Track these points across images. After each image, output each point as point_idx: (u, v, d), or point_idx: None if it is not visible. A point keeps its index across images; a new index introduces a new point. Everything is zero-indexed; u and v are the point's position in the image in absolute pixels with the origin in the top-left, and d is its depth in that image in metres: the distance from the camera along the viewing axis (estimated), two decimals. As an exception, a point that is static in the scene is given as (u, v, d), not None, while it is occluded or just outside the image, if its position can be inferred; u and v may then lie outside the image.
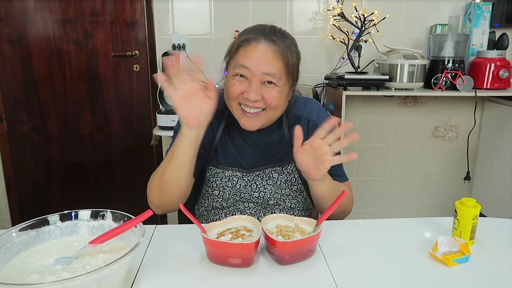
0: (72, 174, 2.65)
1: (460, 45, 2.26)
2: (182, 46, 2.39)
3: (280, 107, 1.07)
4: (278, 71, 1.01)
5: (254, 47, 1.00)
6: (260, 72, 1.00)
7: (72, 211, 0.80)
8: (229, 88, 1.03)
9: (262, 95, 1.02)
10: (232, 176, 1.14)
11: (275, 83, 1.02)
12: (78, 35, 2.44)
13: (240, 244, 0.78)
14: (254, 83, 1.00)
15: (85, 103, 2.54)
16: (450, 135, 2.71)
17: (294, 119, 1.17)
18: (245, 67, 1.00)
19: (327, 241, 0.92)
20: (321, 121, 1.13)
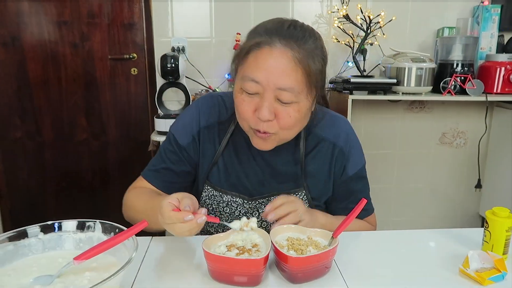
0: (66, 182, 2.55)
1: (469, 48, 2.18)
2: (182, 49, 2.31)
3: (297, 127, 0.89)
4: (296, 84, 0.82)
5: (267, 54, 0.81)
6: (274, 86, 0.81)
7: (55, 222, 0.70)
8: (238, 106, 0.87)
9: (276, 113, 0.84)
10: (231, 202, 1.00)
11: (293, 99, 0.83)
12: (74, 38, 2.35)
13: (247, 260, 0.69)
14: (267, 99, 0.82)
15: (81, 108, 2.46)
16: (458, 141, 2.62)
17: (316, 140, 1.00)
18: (255, 81, 0.81)
19: (343, 255, 0.83)
20: (350, 150, 1.01)
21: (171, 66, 1.99)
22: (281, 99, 0.83)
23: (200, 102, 1.03)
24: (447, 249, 0.87)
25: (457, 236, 0.93)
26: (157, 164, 1.03)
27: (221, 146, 1.00)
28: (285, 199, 0.86)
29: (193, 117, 1.01)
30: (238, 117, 0.91)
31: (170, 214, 0.73)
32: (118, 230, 0.70)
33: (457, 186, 2.68)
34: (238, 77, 0.86)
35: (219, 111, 1.02)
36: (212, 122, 1.01)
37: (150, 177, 1.03)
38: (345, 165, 1.01)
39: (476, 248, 0.85)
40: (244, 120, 0.88)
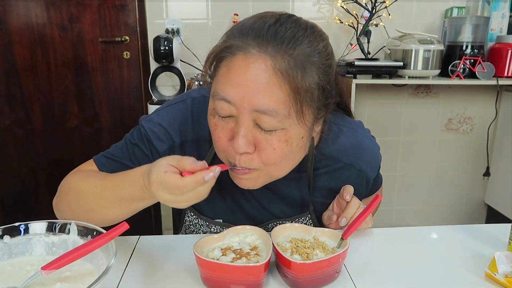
0: (58, 171, 2.46)
1: (479, 29, 2.07)
2: (176, 31, 2.19)
3: (288, 161, 0.68)
4: (279, 104, 0.60)
5: (242, 62, 0.60)
6: (250, 107, 0.61)
7: (21, 224, 0.61)
8: (212, 132, 0.68)
9: (256, 143, 0.63)
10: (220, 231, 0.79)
11: (277, 126, 0.62)
12: (63, 19, 2.23)
13: (245, 267, 0.59)
14: (243, 123, 0.62)
15: (72, 93, 2.34)
16: (464, 127, 2.53)
17: (329, 162, 0.82)
18: (225, 100, 0.62)
19: (352, 257, 0.73)
20: (373, 168, 0.88)
21: (164, 48, 1.88)
22: (261, 125, 0.62)
23: (191, 105, 0.81)
24: (469, 249, 0.78)
25: (478, 233, 0.84)
26: (117, 155, 0.82)
27: (208, 160, 0.78)
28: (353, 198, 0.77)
29: (179, 123, 0.80)
30: (214, 145, 0.70)
31: (185, 181, 0.57)
32: (96, 232, 0.60)
33: (463, 174, 2.59)
34: (211, 93, 0.66)
35: None
36: (202, 135, 0.79)
37: (105, 165, 0.81)
38: (368, 180, 0.89)
39: (501, 247, 0.76)
40: (220, 150, 0.68)
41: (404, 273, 0.70)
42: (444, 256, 0.75)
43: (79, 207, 0.76)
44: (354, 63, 1.95)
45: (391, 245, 0.80)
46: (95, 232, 0.61)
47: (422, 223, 2.65)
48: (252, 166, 0.65)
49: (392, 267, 0.72)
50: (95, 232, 0.60)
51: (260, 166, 0.65)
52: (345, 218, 0.77)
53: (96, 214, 0.73)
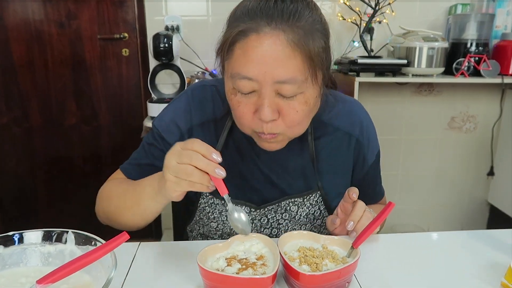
0: (57, 169, 2.43)
1: (484, 26, 2.03)
2: (176, 28, 2.15)
3: (307, 120, 0.76)
4: (297, 72, 0.67)
5: (255, 43, 0.66)
6: (271, 80, 0.67)
7: (16, 233, 0.58)
8: (235, 109, 0.73)
9: (279, 110, 0.70)
10: None
11: (297, 91, 0.69)
12: (60, 16, 2.19)
13: (251, 280, 0.56)
14: (266, 96, 0.68)
15: (70, 91, 2.31)
16: (467, 126, 2.50)
17: (327, 130, 0.88)
18: (247, 78, 0.68)
19: (363, 265, 0.71)
20: (368, 139, 0.91)
21: (164, 46, 1.84)
22: (283, 93, 0.69)
23: (191, 94, 0.88)
24: (483, 256, 0.75)
25: (490, 239, 0.81)
26: (138, 158, 0.90)
27: (219, 145, 0.86)
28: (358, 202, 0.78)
29: (183, 112, 0.86)
30: (236, 121, 0.77)
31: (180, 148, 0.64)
32: (94, 242, 0.57)
33: (465, 173, 2.57)
34: (227, 75, 0.72)
35: (214, 105, 0.87)
36: (207, 118, 0.86)
37: (130, 171, 0.89)
38: (364, 156, 0.92)
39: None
40: (244, 124, 0.75)
41: (416, 282, 0.67)
42: (457, 264, 0.73)
43: (108, 211, 0.85)
44: (357, 61, 1.92)
45: (402, 252, 0.77)
46: (93, 241, 0.58)
47: (424, 223, 2.63)
48: (278, 131, 0.73)
49: (404, 275, 0.69)
50: (94, 241, 0.57)
51: (284, 130, 0.73)
52: (352, 221, 0.75)
53: (121, 217, 0.82)
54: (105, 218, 0.87)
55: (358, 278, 0.67)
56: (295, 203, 0.87)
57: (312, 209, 0.89)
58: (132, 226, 0.81)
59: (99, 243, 0.57)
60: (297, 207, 0.88)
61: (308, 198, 0.88)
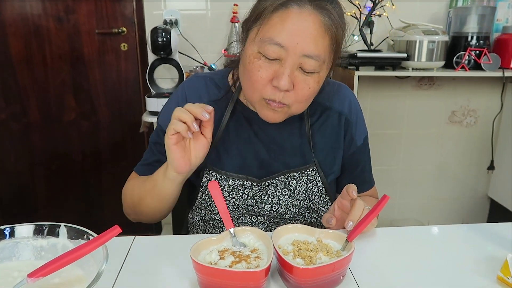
0: (56, 165, 2.43)
1: (485, 19, 2.01)
2: (175, 23, 2.14)
3: (311, 99, 0.82)
4: (323, 52, 0.75)
5: (296, 16, 0.72)
6: (300, 53, 0.73)
7: (6, 227, 0.57)
8: (253, 73, 0.77)
9: (294, 83, 0.76)
10: (238, 185, 0.90)
11: (316, 69, 0.76)
12: (58, 11, 2.18)
13: (244, 273, 0.56)
14: (290, 66, 0.74)
15: (68, 86, 2.30)
16: (468, 120, 2.48)
17: (320, 109, 0.94)
18: (279, 45, 0.73)
19: (358, 259, 0.70)
20: (356, 118, 0.96)
21: (162, 40, 1.83)
22: (304, 68, 0.75)
23: (186, 84, 0.95)
24: (479, 250, 0.74)
25: (488, 232, 0.80)
26: (148, 158, 0.96)
27: (221, 127, 0.90)
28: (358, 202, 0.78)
29: (179, 100, 0.93)
30: (248, 87, 0.80)
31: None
32: (87, 236, 0.57)
33: (466, 168, 2.56)
34: (256, 39, 0.76)
35: (208, 91, 0.93)
36: (203, 102, 0.88)
37: (143, 171, 0.95)
38: (353, 135, 0.95)
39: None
40: (257, 89, 0.78)
41: (412, 276, 0.67)
42: (453, 257, 0.72)
43: (133, 204, 0.91)
44: (357, 54, 1.90)
45: (398, 245, 0.77)
46: (85, 235, 0.57)
47: (424, 217, 2.62)
48: (287, 102, 0.78)
49: (399, 269, 0.69)
50: (86, 235, 0.57)
51: (292, 103, 0.78)
52: (351, 221, 0.74)
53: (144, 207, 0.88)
54: (132, 213, 0.93)
55: (353, 272, 0.67)
56: (294, 177, 0.90)
57: (310, 184, 0.91)
58: (155, 213, 0.89)
59: (92, 236, 0.56)
60: (296, 182, 0.91)
61: (305, 172, 0.91)
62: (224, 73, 0.95)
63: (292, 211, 0.91)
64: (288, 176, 0.90)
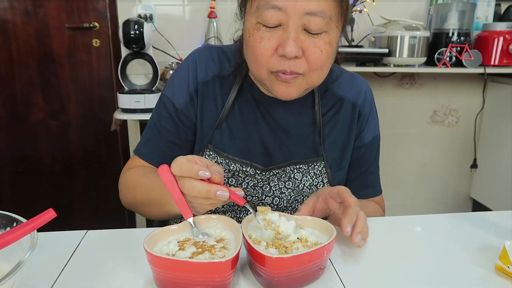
0: (23, 167, 2.29)
1: (466, 16, 1.99)
2: (149, 18, 2.05)
3: (327, 65, 0.72)
4: (327, 7, 0.66)
5: None
6: (301, 11, 0.65)
7: None
8: (255, 46, 0.69)
9: (303, 48, 0.67)
10: (239, 172, 0.81)
11: (323, 28, 0.67)
12: (26, 4, 2.06)
13: (207, 265, 0.47)
14: (293, 28, 0.66)
15: (36, 84, 2.17)
16: (449, 120, 2.46)
17: (333, 99, 0.85)
18: (277, 7, 0.65)
19: (339, 250, 0.62)
20: (369, 112, 0.87)
21: (134, 33, 1.73)
22: (310, 28, 0.66)
23: (196, 53, 0.85)
24: (474, 239, 0.67)
25: (482, 221, 0.74)
26: (151, 136, 0.84)
27: (227, 105, 0.81)
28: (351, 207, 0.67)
29: (189, 71, 0.83)
30: (253, 63, 0.72)
31: (182, 161, 0.57)
32: (16, 223, 0.47)
33: (448, 167, 2.53)
34: (251, 11, 0.70)
35: (220, 63, 0.84)
36: (211, 76, 0.83)
37: (145, 154, 0.83)
38: (362, 129, 0.87)
39: (509, 236, 0.66)
40: (262, 63, 0.70)
41: (400, 268, 0.59)
42: (446, 247, 0.65)
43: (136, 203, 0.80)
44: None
45: (384, 236, 0.69)
46: (15, 222, 0.48)
47: (407, 219, 2.58)
48: (300, 70, 0.69)
49: (386, 261, 0.61)
50: (16, 222, 0.47)
51: (306, 70, 0.69)
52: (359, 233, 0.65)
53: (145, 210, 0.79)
54: (131, 207, 0.84)
55: (335, 265, 0.59)
56: (300, 169, 0.82)
57: (316, 179, 0.84)
58: (161, 217, 0.80)
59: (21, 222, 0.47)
60: (301, 175, 0.83)
61: (313, 166, 0.83)
62: (236, 47, 0.85)
63: (294, 206, 0.83)
64: (294, 168, 0.82)
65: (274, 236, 0.57)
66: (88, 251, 0.61)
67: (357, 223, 0.62)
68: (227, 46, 0.87)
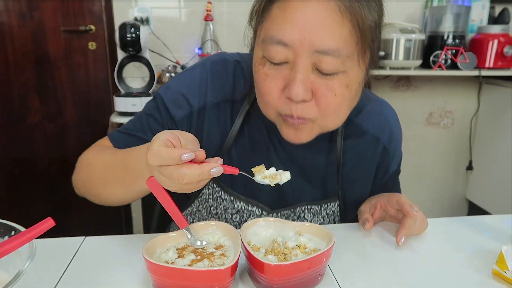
0: (20, 170, 2.28)
1: (461, 19, 2.01)
2: (146, 20, 2.05)
3: (345, 109, 0.62)
4: (343, 43, 0.55)
5: (298, 1, 0.55)
6: (311, 49, 0.55)
7: None
8: (260, 83, 0.61)
9: (314, 90, 0.58)
10: (245, 210, 0.75)
11: (339, 68, 0.57)
12: (21, 6, 2.05)
13: (207, 272, 0.47)
14: (302, 68, 0.56)
15: (33, 87, 2.17)
16: (445, 122, 2.47)
17: (355, 132, 0.77)
18: (282, 43, 0.56)
19: (338, 256, 0.63)
20: (395, 146, 0.80)
21: (131, 36, 1.73)
22: (321, 68, 0.57)
23: (210, 67, 0.75)
24: (471, 243, 0.68)
25: (479, 225, 0.74)
26: (133, 129, 0.76)
27: (233, 131, 0.73)
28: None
29: (198, 86, 0.74)
30: (260, 101, 0.65)
31: (159, 150, 0.47)
32: (14, 232, 0.47)
33: (444, 169, 2.54)
34: (258, 41, 0.61)
35: (234, 82, 0.74)
36: (224, 98, 0.74)
37: (119, 141, 0.75)
38: (388, 165, 0.81)
39: (505, 240, 0.67)
40: (269, 104, 0.61)
41: (398, 273, 0.60)
42: (442, 251, 0.66)
43: (89, 182, 0.72)
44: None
45: (382, 241, 0.69)
46: (13, 231, 0.47)
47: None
48: (309, 116, 0.60)
49: (384, 266, 0.61)
50: (14, 231, 0.47)
51: (317, 116, 0.60)
52: (404, 236, 0.66)
53: (104, 190, 0.70)
54: (83, 188, 0.75)
55: (334, 271, 0.59)
56: (311, 210, 0.77)
57: (327, 219, 0.78)
58: (116, 202, 0.71)
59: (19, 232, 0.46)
60: (312, 216, 0.77)
61: (325, 207, 0.77)
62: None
63: None
64: (305, 209, 0.76)
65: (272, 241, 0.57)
66: (86, 258, 0.61)
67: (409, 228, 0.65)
68: (246, 57, 0.77)
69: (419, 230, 0.69)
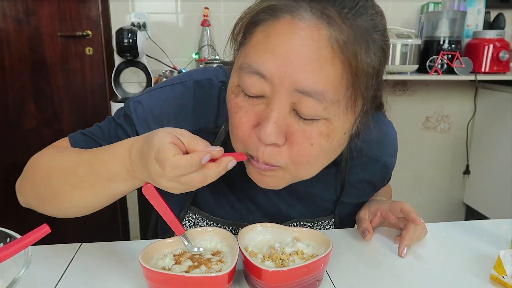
0: (14, 177, 2.22)
1: (456, 23, 2.02)
2: (143, 26, 2.06)
3: (322, 161, 0.54)
4: (329, 86, 0.47)
5: (285, 29, 0.47)
6: (291, 85, 0.47)
7: None
8: (231, 115, 0.54)
9: (288, 134, 0.50)
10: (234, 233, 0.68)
11: (320, 114, 0.49)
12: (18, 12, 2.05)
13: (204, 278, 0.47)
14: (277, 106, 0.48)
15: (29, 92, 2.16)
16: (442, 126, 2.48)
17: (364, 159, 0.72)
18: (259, 74, 0.48)
19: (336, 261, 0.62)
20: (393, 160, 0.78)
21: (128, 41, 1.74)
22: (301, 112, 0.49)
23: (192, 88, 0.67)
24: (469, 248, 0.68)
25: (477, 230, 0.74)
26: (99, 136, 0.69)
27: None
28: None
29: (174, 109, 0.66)
30: (230, 131, 0.56)
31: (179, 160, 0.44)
32: (10, 239, 0.47)
33: (441, 173, 2.55)
34: (235, 66, 0.53)
35: (219, 108, 0.66)
36: (204, 125, 0.66)
37: (79, 141, 0.68)
38: (386, 175, 0.80)
39: (503, 245, 0.66)
40: (238, 138, 0.53)
41: (396, 278, 0.59)
42: (440, 256, 0.65)
43: (45, 188, 0.60)
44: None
45: (380, 246, 0.69)
46: (9, 238, 0.47)
47: (401, 225, 2.59)
48: (277, 163, 0.52)
49: (382, 271, 0.61)
50: (9, 238, 0.47)
51: (287, 164, 0.52)
52: (407, 247, 0.65)
53: (65, 197, 0.59)
54: (33, 196, 0.64)
55: (331, 275, 0.59)
56: (304, 226, 0.74)
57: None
58: (77, 210, 0.60)
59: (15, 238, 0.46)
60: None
61: (319, 224, 0.74)
62: None
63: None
64: (298, 225, 0.72)
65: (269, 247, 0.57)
66: (83, 265, 0.61)
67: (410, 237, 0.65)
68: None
69: (419, 237, 0.69)
